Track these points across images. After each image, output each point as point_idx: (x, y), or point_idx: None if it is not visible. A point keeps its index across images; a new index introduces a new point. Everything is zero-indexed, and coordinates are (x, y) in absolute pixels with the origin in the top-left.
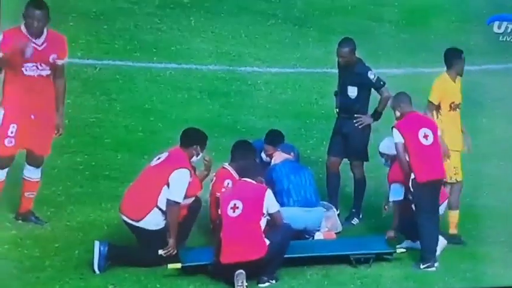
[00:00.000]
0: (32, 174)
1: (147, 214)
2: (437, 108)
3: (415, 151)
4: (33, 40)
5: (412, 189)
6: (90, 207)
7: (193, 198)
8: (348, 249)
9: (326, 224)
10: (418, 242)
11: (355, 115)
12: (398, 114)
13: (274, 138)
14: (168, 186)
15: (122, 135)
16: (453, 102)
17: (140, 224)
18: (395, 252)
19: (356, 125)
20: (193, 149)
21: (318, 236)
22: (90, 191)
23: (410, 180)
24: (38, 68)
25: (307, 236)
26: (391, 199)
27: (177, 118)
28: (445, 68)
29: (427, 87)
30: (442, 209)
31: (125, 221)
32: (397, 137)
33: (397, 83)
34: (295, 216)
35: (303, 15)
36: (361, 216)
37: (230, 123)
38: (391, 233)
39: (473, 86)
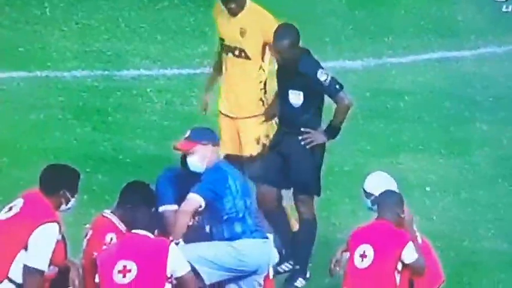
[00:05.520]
0: None
1: None
2: None
3: None
4: None
5: None
6: None
7: (57, 269)
8: None
9: None
10: None
11: (302, 129)
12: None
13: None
14: (26, 248)
15: None
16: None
17: None
18: None
19: (302, 143)
20: (60, 196)
21: None
22: None
23: None
24: None
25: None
26: None
27: (30, 149)
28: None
29: (397, 86)
30: None
31: None
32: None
33: (354, 81)
34: (258, 252)
35: None
36: (308, 275)
37: (108, 152)
38: None
39: (466, 77)
